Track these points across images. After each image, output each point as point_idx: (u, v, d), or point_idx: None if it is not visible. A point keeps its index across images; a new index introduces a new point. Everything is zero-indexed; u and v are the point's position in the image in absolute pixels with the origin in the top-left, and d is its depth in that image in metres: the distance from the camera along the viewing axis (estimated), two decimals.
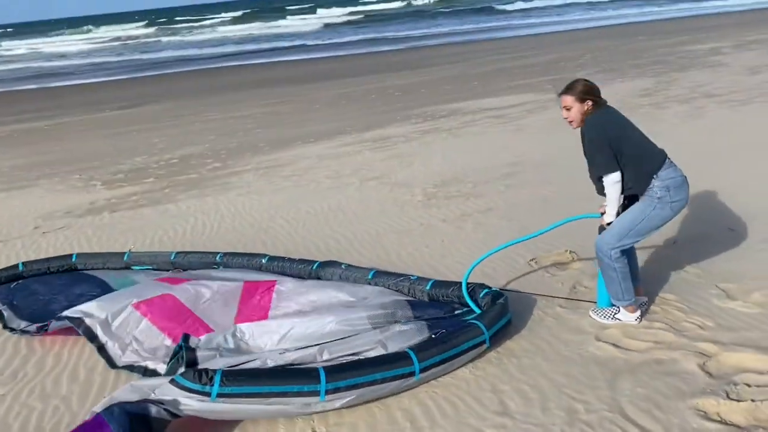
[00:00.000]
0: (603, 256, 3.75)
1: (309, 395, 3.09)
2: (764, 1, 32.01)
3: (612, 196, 3.73)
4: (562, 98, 3.83)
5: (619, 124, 3.73)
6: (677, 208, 3.67)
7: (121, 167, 10.47)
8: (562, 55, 20.21)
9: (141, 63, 32.88)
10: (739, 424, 2.91)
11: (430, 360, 3.35)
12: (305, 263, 4.72)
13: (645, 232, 3.68)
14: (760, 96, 10.24)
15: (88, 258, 5.43)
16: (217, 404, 3.01)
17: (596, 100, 3.75)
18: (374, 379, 3.20)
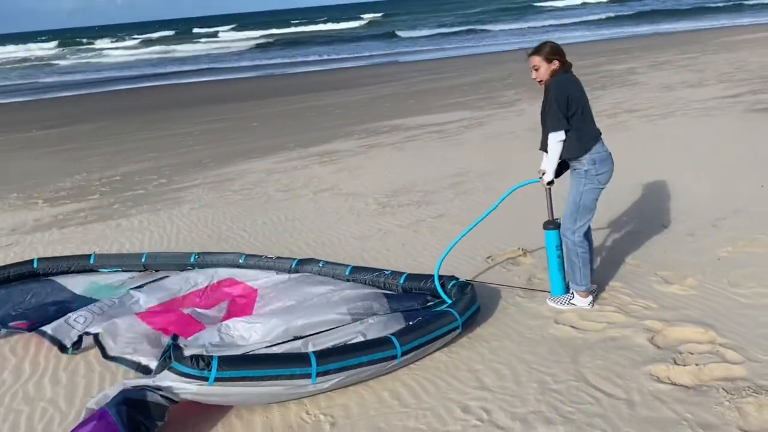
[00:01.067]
0: (568, 240, 4.16)
1: (301, 378, 3.29)
2: (668, 28, 34.40)
3: (553, 152, 4.07)
4: (531, 58, 4.16)
5: (579, 89, 4.11)
6: (603, 181, 4.11)
7: (61, 185, 10.28)
8: (489, 75, 21.09)
9: (45, 85, 31.89)
10: (687, 385, 3.32)
11: (410, 344, 3.62)
12: (283, 260, 4.91)
13: (589, 205, 4.11)
14: (677, 111, 11.15)
15: (50, 262, 5.39)
16: (215, 388, 3.17)
17: (563, 61, 4.12)
18: (360, 361, 3.44)
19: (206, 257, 5.25)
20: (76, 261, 5.39)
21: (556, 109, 3.98)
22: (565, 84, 4.06)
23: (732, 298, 4.23)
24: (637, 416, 3.09)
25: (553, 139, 4.04)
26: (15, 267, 5.36)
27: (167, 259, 5.33)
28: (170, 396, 3.16)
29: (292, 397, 3.41)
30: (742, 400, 3.11)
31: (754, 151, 7.99)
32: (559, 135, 4.01)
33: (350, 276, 4.64)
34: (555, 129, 4.01)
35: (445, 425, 3.18)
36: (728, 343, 3.66)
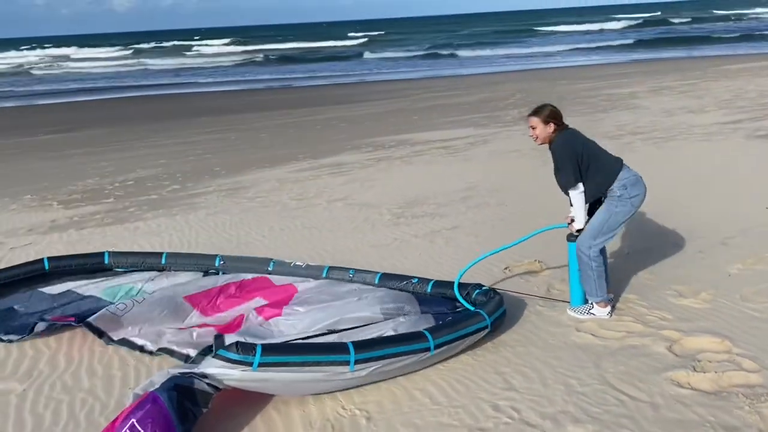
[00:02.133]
0: (582, 255, 4.32)
1: (340, 365, 3.43)
2: (670, 55, 34.98)
3: (578, 205, 4.33)
4: (529, 119, 4.42)
5: (582, 141, 4.36)
6: (637, 203, 4.33)
7: (73, 188, 10.40)
8: (493, 95, 21.40)
9: (51, 90, 32.05)
10: (707, 390, 3.49)
11: (442, 338, 3.78)
12: (313, 268, 5.05)
13: (614, 227, 4.31)
14: (679, 135, 11.41)
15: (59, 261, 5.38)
16: (258, 373, 3.29)
17: (559, 124, 4.36)
18: (396, 351, 3.60)
19: (232, 262, 5.33)
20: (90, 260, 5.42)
21: (568, 168, 4.23)
22: (569, 145, 4.30)
23: (744, 311, 4.40)
24: (662, 418, 3.25)
25: (573, 194, 4.29)
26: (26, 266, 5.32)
27: (189, 260, 5.39)
28: (215, 383, 3.29)
29: (331, 386, 3.53)
30: (761, 404, 3.28)
31: (757, 175, 8.22)
32: (579, 188, 4.26)
33: (379, 283, 4.79)
34: (572, 186, 4.26)
35: (478, 422, 3.32)
36: (744, 353, 3.83)
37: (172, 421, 3.06)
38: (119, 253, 5.59)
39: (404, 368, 3.71)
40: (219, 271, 5.31)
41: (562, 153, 4.28)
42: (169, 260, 5.42)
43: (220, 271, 5.32)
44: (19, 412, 3.68)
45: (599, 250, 4.34)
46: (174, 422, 3.06)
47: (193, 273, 5.34)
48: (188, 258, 5.49)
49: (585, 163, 4.27)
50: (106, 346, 4.39)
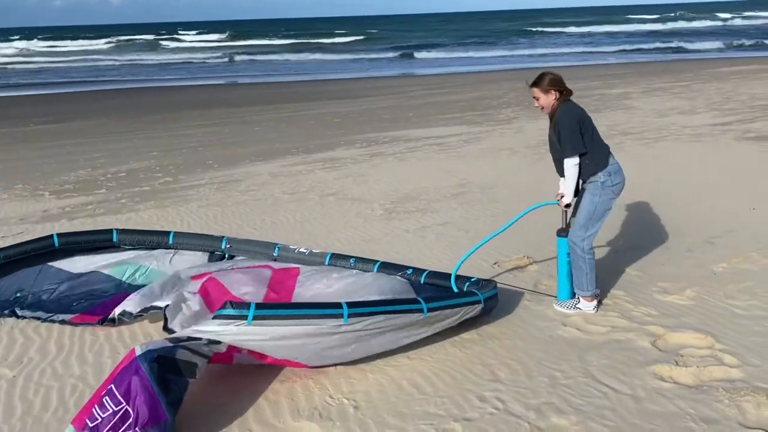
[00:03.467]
0: (576, 248, 4.38)
1: (334, 318, 3.48)
2: (661, 55, 35.16)
3: (570, 176, 4.34)
4: (531, 90, 4.45)
5: (584, 114, 4.38)
6: (617, 191, 4.40)
7: (65, 178, 10.39)
8: (486, 93, 21.46)
9: (42, 81, 31.89)
10: (689, 384, 3.55)
11: (435, 303, 3.88)
12: (316, 255, 5.09)
13: (601, 216, 4.38)
14: (669, 135, 11.51)
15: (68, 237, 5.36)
16: (253, 327, 3.34)
17: (562, 90, 4.37)
18: (389, 309, 3.69)
19: (238, 244, 5.36)
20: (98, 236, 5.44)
21: (569, 136, 4.25)
22: (571, 112, 4.33)
23: (728, 308, 4.47)
24: (644, 410, 3.31)
25: (569, 164, 4.31)
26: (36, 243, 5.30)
27: (195, 241, 5.42)
28: (203, 352, 3.30)
29: (327, 343, 3.56)
30: (741, 398, 3.34)
31: (745, 176, 8.32)
32: (575, 160, 4.29)
33: (378, 272, 4.84)
34: (571, 155, 4.28)
35: (464, 412, 3.38)
36: (726, 348, 3.90)
37: (155, 393, 3.07)
38: (127, 230, 5.56)
39: (400, 334, 3.78)
40: (225, 253, 5.34)
41: (564, 121, 4.29)
42: (176, 240, 5.42)
43: (226, 253, 5.34)
44: (9, 397, 3.71)
45: (591, 243, 4.41)
46: (156, 394, 3.08)
47: (200, 254, 5.39)
48: (195, 238, 5.51)
49: (587, 137, 4.31)
50: (97, 334, 4.43)
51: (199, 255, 5.36)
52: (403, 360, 3.94)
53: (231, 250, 5.34)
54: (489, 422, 3.26)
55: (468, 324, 4.37)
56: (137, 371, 3.12)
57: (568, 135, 4.27)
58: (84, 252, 5.34)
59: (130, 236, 5.46)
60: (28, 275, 5.15)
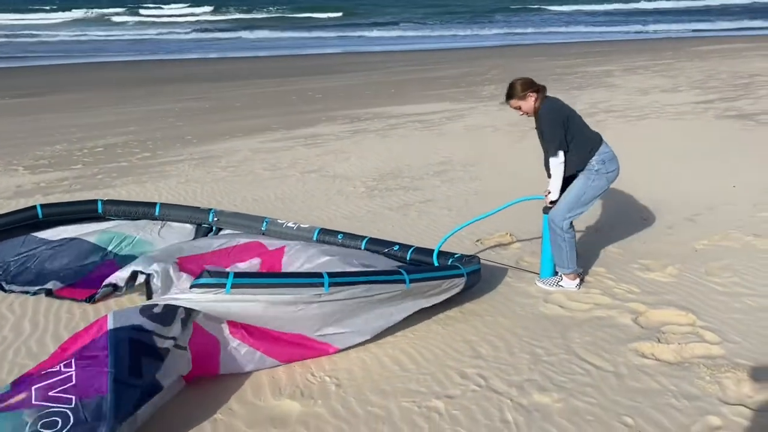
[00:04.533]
0: (556, 227, 4.36)
1: (314, 286, 3.41)
2: (645, 31, 35.18)
3: (555, 175, 4.32)
4: (509, 104, 4.39)
5: (568, 112, 4.33)
6: (612, 178, 4.37)
7: (40, 153, 10.15)
8: (470, 70, 21.34)
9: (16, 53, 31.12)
10: (670, 361, 3.56)
11: (417, 275, 3.84)
12: (305, 230, 4.99)
13: (588, 201, 4.35)
14: (652, 113, 11.53)
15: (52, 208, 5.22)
16: (231, 296, 3.27)
17: (535, 90, 4.31)
18: (370, 279, 3.64)
19: (226, 217, 5.24)
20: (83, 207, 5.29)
21: (551, 136, 4.22)
22: (556, 112, 4.27)
23: (709, 286, 4.50)
24: (626, 386, 3.32)
25: (553, 163, 4.28)
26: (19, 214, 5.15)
27: (182, 213, 5.29)
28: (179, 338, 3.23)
29: (308, 314, 3.48)
30: (721, 375, 3.36)
31: (726, 154, 8.36)
32: (559, 158, 4.25)
33: (366, 248, 4.77)
34: (554, 154, 4.25)
35: (445, 389, 3.36)
36: (707, 325, 3.91)
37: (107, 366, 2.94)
38: (112, 201, 5.42)
39: (384, 308, 3.75)
40: (212, 226, 5.23)
41: (547, 119, 4.24)
42: (162, 211, 5.29)
43: (213, 226, 5.23)
44: None
45: (571, 223, 4.38)
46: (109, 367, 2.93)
47: (188, 226, 5.28)
48: (182, 210, 5.38)
49: (570, 133, 4.26)
50: (73, 312, 4.34)
51: (187, 227, 5.25)
52: (386, 337, 3.90)
53: (218, 223, 5.22)
54: (471, 399, 3.25)
55: (450, 301, 4.35)
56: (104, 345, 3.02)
57: (549, 134, 4.24)
58: (68, 223, 5.20)
59: (116, 207, 5.31)
60: (11, 246, 5.02)
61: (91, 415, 2.73)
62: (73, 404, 2.78)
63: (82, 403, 2.79)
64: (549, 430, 2.99)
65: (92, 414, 2.74)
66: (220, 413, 3.20)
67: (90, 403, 2.79)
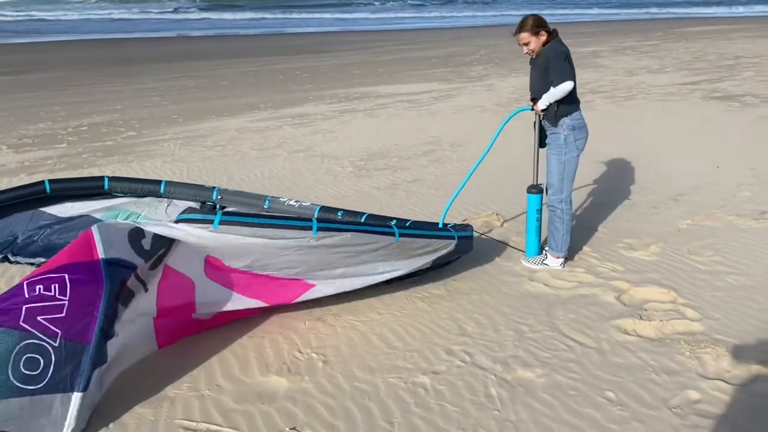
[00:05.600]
0: (556, 209, 4.41)
1: (303, 229, 3.40)
2: (633, 12, 35.14)
3: (557, 93, 4.17)
4: (518, 36, 4.32)
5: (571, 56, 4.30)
6: (581, 146, 4.38)
7: (24, 132, 10.05)
8: (458, 50, 21.28)
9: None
10: (651, 337, 3.63)
11: (407, 230, 3.86)
12: (306, 208, 4.92)
13: (572, 171, 4.38)
14: (639, 94, 11.58)
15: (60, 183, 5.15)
16: (218, 234, 3.25)
17: (548, 30, 4.28)
18: (360, 228, 3.66)
19: (230, 195, 5.18)
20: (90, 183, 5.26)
21: (561, 66, 4.14)
22: (563, 50, 4.24)
23: (691, 264, 4.56)
24: (607, 362, 3.38)
25: (562, 86, 4.13)
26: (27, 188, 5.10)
27: (187, 190, 5.24)
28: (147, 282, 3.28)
29: (296, 259, 3.49)
30: (701, 350, 3.43)
31: (710, 135, 8.43)
32: (569, 84, 4.13)
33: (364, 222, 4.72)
34: (566, 79, 4.13)
35: (431, 365, 3.41)
36: (688, 303, 3.98)
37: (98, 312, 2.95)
38: (118, 178, 5.39)
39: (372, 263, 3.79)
40: (216, 204, 5.22)
41: (557, 54, 4.18)
42: (167, 188, 5.25)
43: (217, 204, 5.22)
44: None
45: (571, 202, 4.43)
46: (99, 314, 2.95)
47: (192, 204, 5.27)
48: (186, 188, 5.32)
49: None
50: None
51: (192, 205, 5.25)
52: (373, 315, 3.95)
53: (222, 201, 5.20)
54: (456, 375, 3.30)
55: (436, 278, 4.40)
56: (98, 281, 3.00)
57: (560, 67, 4.15)
58: (75, 198, 5.19)
59: (122, 184, 5.30)
60: (19, 220, 5.07)
61: (70, 364, 2.85)
62: (57, 342, 2.85)
63: (65, 343, 2.87)
64: (532, 404, 3.05)
65: (72, 362, 2.86)
66: (208, 389, 3.23)
67: (72, 347, 2.88)
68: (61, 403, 2.83)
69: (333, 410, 3.05)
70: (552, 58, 4.20)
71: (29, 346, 2.81)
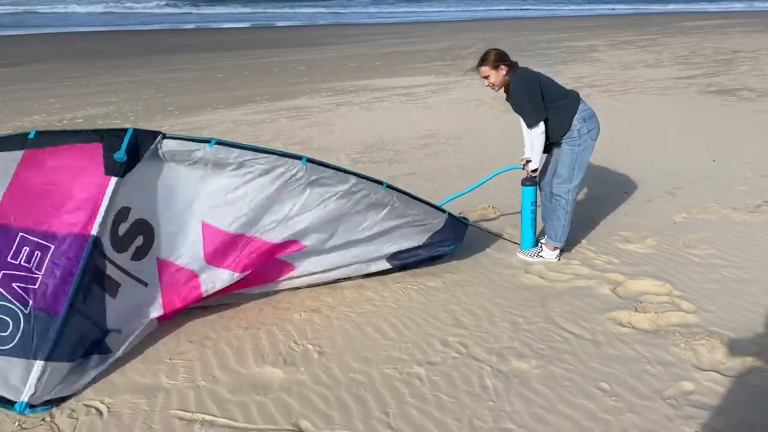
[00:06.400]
0: (561, 199, 4.40)
1: (294, 159, 3.50)
2: (630, 8, 35.11)
3: (537, 146, 4.30)
4: (479, 70, 4.32)
5: (538, 76, 4.30)
6: (594, 136, 4.39)
7: (19, 124, 10.00)
8: (456, 43, 21.24)
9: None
10: (646, 329, 3.64)
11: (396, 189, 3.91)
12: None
13: (584, 164, 4.37)
14: (635, 88, 11.58)
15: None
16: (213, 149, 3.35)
17: (509, 64, 4.28)
18: (349, 171, 3.70)
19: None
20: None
21: (529, 106, 4.17)
22: (528, 81, 4.22)
23: (686, 257, 4.57)
24: (603, 354, 3.39)
25: (535, 133, 4.24)
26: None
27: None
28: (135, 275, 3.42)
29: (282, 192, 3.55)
30: (695, 342, 3.44)
31: (707, 129, 8.44)
32: (540, 128, 4.22)
33: None
34: (534, 124, 4.21)
35: (427, 356, 3.41)
36: (683, 295, 3.99)
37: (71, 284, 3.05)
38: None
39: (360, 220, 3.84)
40: None
41: (521, 92, 4.20)
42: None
43: None
44: None
45: (576, 194, 4.44)
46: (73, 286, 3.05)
47: None
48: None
49: (546, 101, 4.21)
50: None
51: None
52: (368, 306, 3.95)
53: None
54: (452, 366, 3.30)
55: (432, 271, 4.40)
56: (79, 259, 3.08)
57: (528, 105, 4.18)
58: None
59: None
60: None
61: (37, 333, 2.97)
62: (27, 309, 2.99)
63: (35, 313, 2.99)
64: (527, 395, 3.05)
65: (39, 332, 2.97)
66: (203, 380, 3.23)
67: (41, 317, 2.99)
68: (24, 368, 2.94)
69: (328, 401, 3.05)
70: (518, 99, 4.22)
71: (1, 308, 2.96)
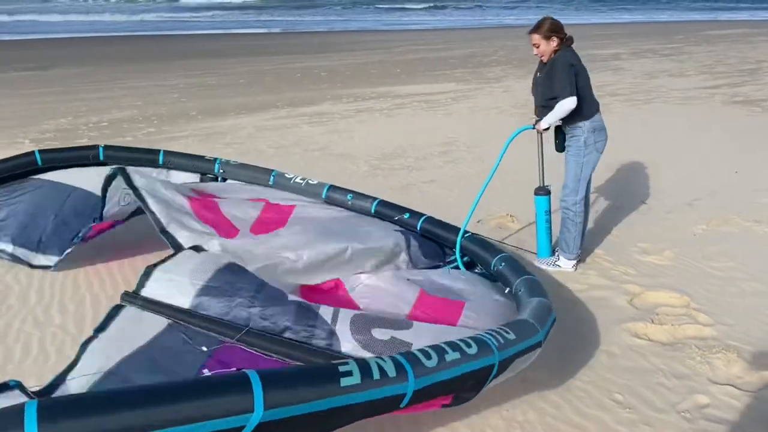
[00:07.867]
0: (569, 211, 4.41)
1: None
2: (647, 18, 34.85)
3: (558, 112, 4.19)
4: (531, 36, 4.31)
5: (582, 65, 4.30)
6: (601, 148, 4.38)
7: (46, 127, 10.20)
8: (477, 50, 21.23)
9: (23, 25, 31.06)
10: (663, 341, 3.63)
11: None
12: (314, 186, 4.81)
13: (588, 174, 4.39)
14: (658, 97, 11.49)
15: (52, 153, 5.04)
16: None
17: (562, 37, 4.26)
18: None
19: (232, 168, 5.05)
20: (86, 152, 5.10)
21: (565, 78, 4.12)
22: (571, 61, 4.22)
23: (705, 270, 4.54)
24: (617, 365, 3.39)
25: (564, 103, 4.12)
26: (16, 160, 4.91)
27: (187, 161, 5.11)
28: None
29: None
30: (712, 355, 3.42)
31: (730, 140, 8.36)
32: (572, 100, 4.10)
33: (375, 212, 4.63)
34: (568, 95, 4.11)
35: None
36: (701, 308, 3.97)
37: None
38: (114, 147, 5.22)
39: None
40: (218, 177, 5.10)
41: (564, 67, 4.14)
42: (166, 158, 5.12)
43: (219, 177, 5.10)
44: None
45: (582, 204, 4.44)
46: None
47: (191, 176, 5.15)
48: (186, 158, 5.19)
49: (578, 83, 4.17)
50: (78, 284, 4.41)
51: (191, 177, 5.12)
52: None
53: (224, 174, 5.06)
54: None
55: None
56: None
57: (566, 78, 4.12)
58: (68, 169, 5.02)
59: (118, 153, 5.13)
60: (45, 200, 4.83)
61: None
62: None
63: None
64: (540, 405, 3.06)
65: None
66: None
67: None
68: None
69: None
70: (558, 69, 4.17)
71: None
